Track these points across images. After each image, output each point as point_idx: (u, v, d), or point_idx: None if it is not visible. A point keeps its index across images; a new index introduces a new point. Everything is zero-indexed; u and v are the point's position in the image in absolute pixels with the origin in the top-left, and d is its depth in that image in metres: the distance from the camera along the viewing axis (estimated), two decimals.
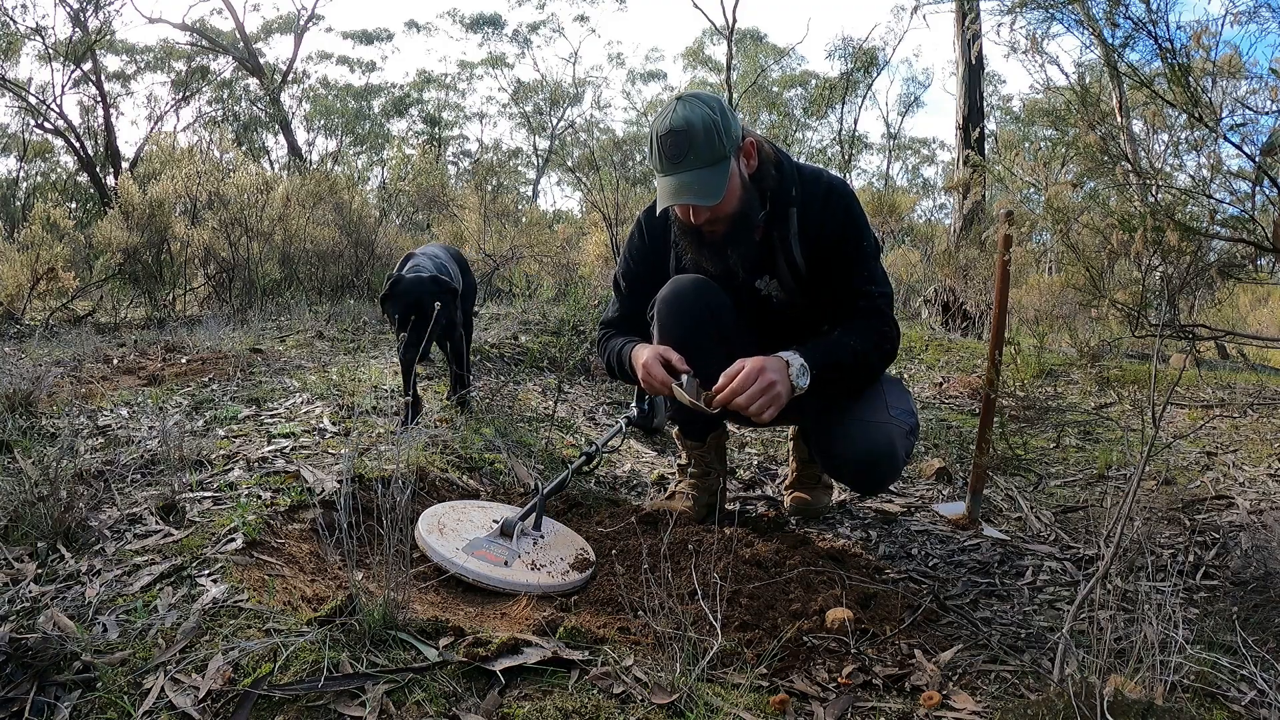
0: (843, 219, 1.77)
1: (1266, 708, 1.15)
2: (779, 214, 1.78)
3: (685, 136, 1.63)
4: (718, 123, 1.64)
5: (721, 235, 1.75)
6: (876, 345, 1.77)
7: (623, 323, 1.99)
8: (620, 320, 2.00)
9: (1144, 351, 4.56)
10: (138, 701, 1.10)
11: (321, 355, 3.51)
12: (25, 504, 1.55)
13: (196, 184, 6.19)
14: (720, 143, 1.64)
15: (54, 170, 16.68)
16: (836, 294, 1.80)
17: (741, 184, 1.71)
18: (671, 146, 1.64)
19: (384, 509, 1.30)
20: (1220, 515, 2.01)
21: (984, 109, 8.81)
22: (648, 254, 1.95)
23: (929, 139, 31.12)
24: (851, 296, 1.78)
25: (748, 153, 1.74)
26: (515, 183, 23.72)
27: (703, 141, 1.63)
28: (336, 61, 24.45)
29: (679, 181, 1.65)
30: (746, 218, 1.74)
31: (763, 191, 1.76)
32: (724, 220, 1.72)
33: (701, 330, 1.80)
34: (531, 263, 7.28)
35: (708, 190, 1.65)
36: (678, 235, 1.83)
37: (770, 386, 1.59)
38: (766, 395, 1.58)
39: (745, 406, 1.59)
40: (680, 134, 1.63)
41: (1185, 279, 2.02)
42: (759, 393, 1.58)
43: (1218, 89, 2.11)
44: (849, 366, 1.73)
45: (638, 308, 1.96)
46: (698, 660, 1.20)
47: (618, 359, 1.89)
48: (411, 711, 1.08)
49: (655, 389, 1.74)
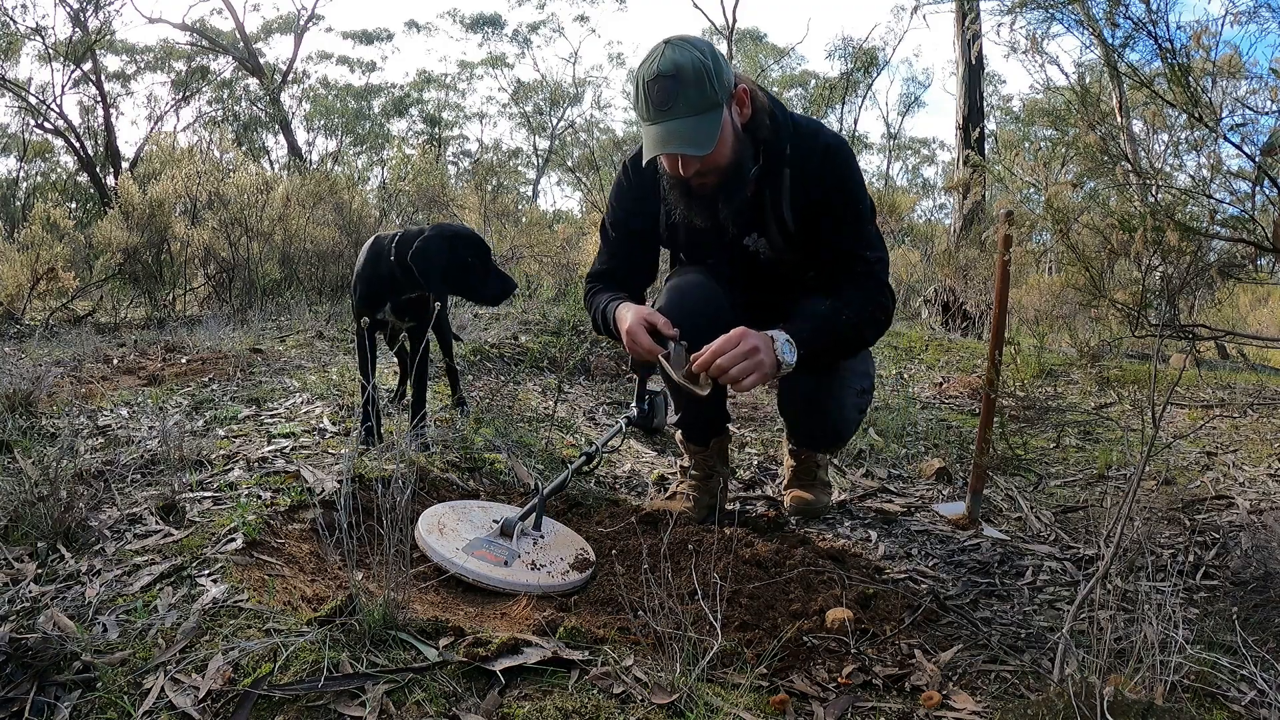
0: (839, 180, 1.69)
1: (1266, 708, 1.15)
2: (772, 169, 1.69)
3: (674, 82, 1.52)
4: (709, 68, 1.54)
5: (712, 188, 1.66)
6: (871, 316, 1.72)
7: (609, 277, 1.91)
8: (607, 273, 1.92)
9: (1144, 351, 4.56)
10: (138, 701, 1.10)
11: (321, 355, 3.51)
12: (25, 504, 1.55)
13: (196, 184, 6.18)
14: (711, 89, 1.54)
15: (54, 170, 16.70)
16: (829, 256, 1.73)
17: (734, 134, 1.62)
18: (659, 93, 1.53)
19: (384, 509, 1.30)
20: (1220, 515, 2.01)
21: (984, 109, 8.82)
22: (635, 199, 1.85)
23: (929, 139, 31.20)
24: (845, 260, 1.72)
25: (741, 101, 1.63)
26: (515, 183, 23.73)
27: (693, 88, 1.53)
28: (336, 61, 24.49)
29: (667, 130, 1.55)
30: (739, 170, 1.65)
31: (756, 143, 1.67)
32: (715, 172, 1.64)
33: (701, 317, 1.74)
34: (531, 263, 7.28)
35: (698, 139, 1.55)
36: (666, 188, 1.74)
37: (753, 352, 1.54)
38: (749, 360, 1.54)
39: (726, 369, 1.54)
40: (669, 79, 1.53)
41: (1185, 279, 2.02)
42: (741, 356, 1.54)
43: (1218, 89, 2.11)
44: (840, 341, 1.69)
45: (626, 260, 1.88)
46: (698, 660, 1.20)
47: (603, 317, 1.82)
48: (411, 711, 1.08)
49: (640, 355, 1.68)
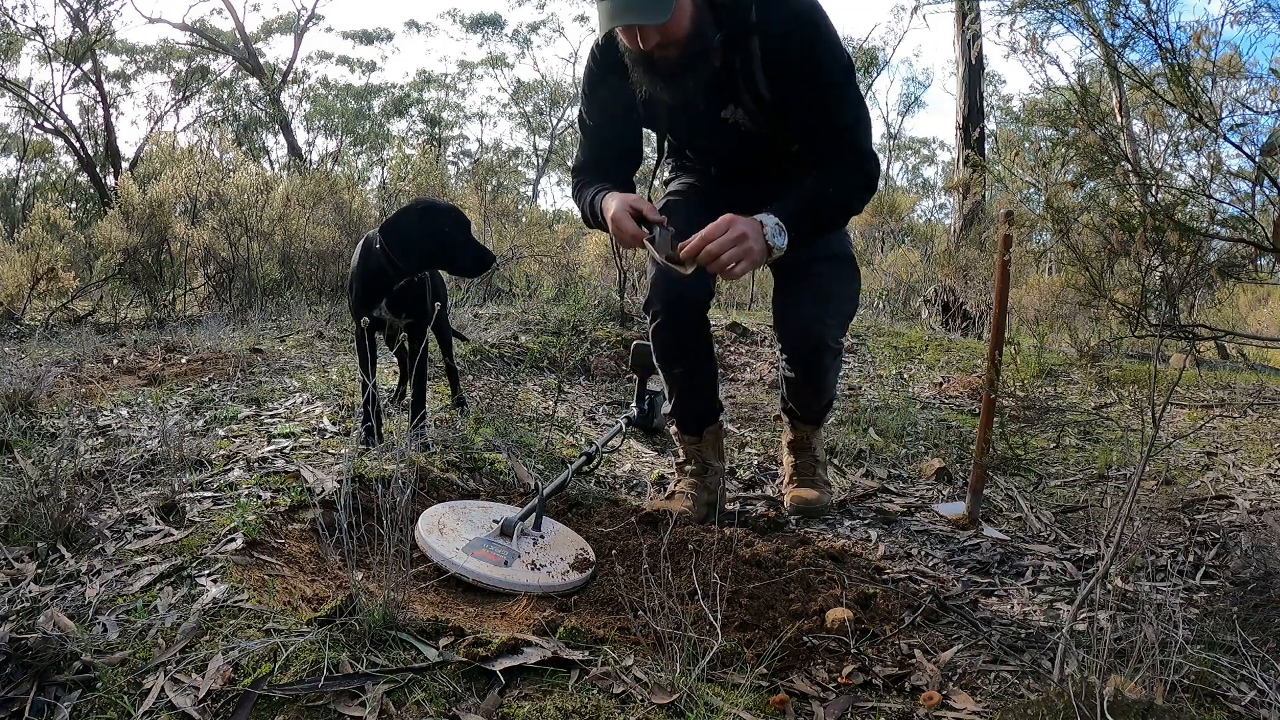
0: (810, 41, 1.65)
1: (1266, 708, 1.15)
2: (738, 36, 1.66)
3: None
4: None
5: (675, 61, 1.61)
6: (857, 188, 1.72)
7: (594, 168, 1.89)
8: (592, 164, 1.90)
9: (1144, 351, 4.56)
10: (138, 701, 1.10)
11: (321, 355, 3.51)
12: (25, 504, 1.55)
13: (196, 184, 6.19)
14: None
15: (54, 170, 16.70)
16: (808, 126, 1.72)
17: (691, 2, 1.58)
18: None
19: (384, 509, 1.30)
20: (1220, 515, 2.01)
21: (984, 109, 8.82)
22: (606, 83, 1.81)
23: (929, 139, 31.25)
24: (825, 131, 1.70)
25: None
26: (515, 183, 23.76)
27: None
28: (336, 61, 24.51)
29: (619, 2, 1.51)
30: (701, 39, 1.60)
31: (716, 10, 1.63)
32: (676, 44, 1.59)
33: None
34: (531, 263, 7.28)
35: (650, 8, 1.50)
36: (630, 68, 1.69)
37: (742, 238, 1.55)
38: (738, 247, 1.55)
39: (716, 255, 1.54)
40: None
41: (1185, 279, 2.02)
42: (730, 243, 1.54)
43: (1218, 89, 2.11)
44: (828, 218, 1.70)
45: (608, 147, 1.87)
46: (698, 660, 1.20)
47: (590, 209, 1.81)
48: (411, 711, 1.08)
49: (626, 242, 1.67)
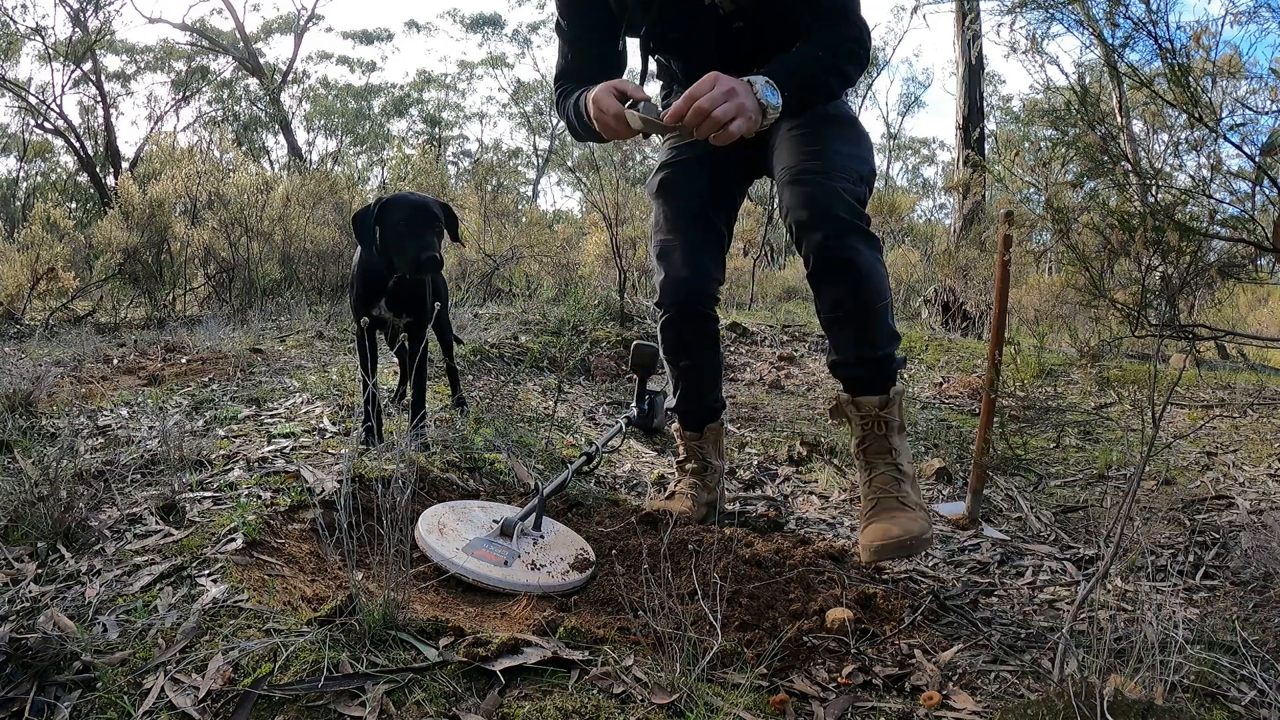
0: None
1: (1266, 708, 1.15)
2: None
3: None
4: None
5: None
6: (847, 54, 1.66)
7: (576, 74, 1.84)
8: (572, 70, 1.85)
9: (1144, 351, 4.56)
10: (138, 701, 1.10)
11: (321, 355, 3.51)
12: (25, 504, 1.55)
13: (196, 184, 6.19)
14: None
15: (54, 170, 16.71)
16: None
17: None
18: None
19: (384, 509, 1.30)
20: (1220, 515, 2.01)
21: (984, 109, 8.81)
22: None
23: (929, 139, 31.27)
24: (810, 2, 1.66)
25: None
26: (515, 183, 23.76)
27: None
28: (336, 61, 24.56)
29: None
30: None
31: None
32: None
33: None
34: (531, 263, 7.28)
35: None
36: None
37: (732, 93, 1.46)
38: (730, 102, 1.45)
39: (707, 112, 1.45)
40: None
41: (1185, 279, 2.02)
42: (721, 97, 1.45)
43: (1218, 89, 2.11)
44: (822, 83, 1.63)
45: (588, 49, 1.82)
46: (698, 660, 1.20)
47: (575, 112, 1.75)
48: (411, 711, 1.08)
49: (609, 124, 1.57)
